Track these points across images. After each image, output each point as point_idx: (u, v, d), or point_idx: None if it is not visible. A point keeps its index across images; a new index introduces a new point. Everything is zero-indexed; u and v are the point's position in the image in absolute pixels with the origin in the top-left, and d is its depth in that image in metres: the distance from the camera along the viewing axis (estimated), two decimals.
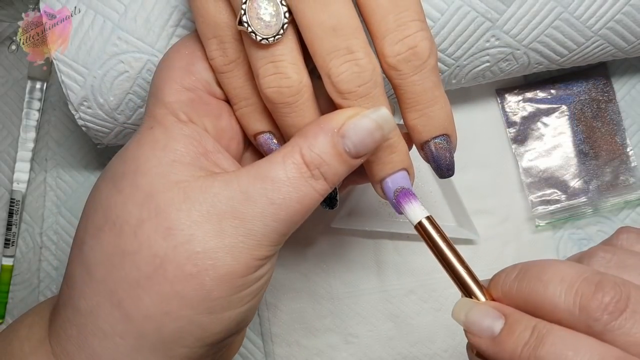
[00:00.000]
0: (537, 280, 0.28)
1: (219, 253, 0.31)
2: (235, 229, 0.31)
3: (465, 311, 0.29)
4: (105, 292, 0.31)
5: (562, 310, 0.27)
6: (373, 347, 0.51)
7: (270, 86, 0.31)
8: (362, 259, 0.52)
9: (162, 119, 0.33)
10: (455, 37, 0.41)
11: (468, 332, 0.29)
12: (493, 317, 0.28)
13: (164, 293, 0.31)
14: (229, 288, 0.31)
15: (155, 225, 0.31)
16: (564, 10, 0.41)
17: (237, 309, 0.32)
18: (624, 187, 0.50)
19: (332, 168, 0.31)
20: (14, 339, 0.34)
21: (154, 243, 0.31)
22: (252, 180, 0.31)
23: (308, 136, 0.31)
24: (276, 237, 0.32)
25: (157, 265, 0.30)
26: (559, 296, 0.27)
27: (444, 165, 0.34)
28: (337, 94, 0.31)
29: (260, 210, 0.31)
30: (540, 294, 0.27)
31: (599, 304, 0.26)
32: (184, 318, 0.31)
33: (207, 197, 0.31)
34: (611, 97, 0.51)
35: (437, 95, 0.32)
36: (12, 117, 0.56)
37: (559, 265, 0.28)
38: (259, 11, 0.31)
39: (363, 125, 0.31)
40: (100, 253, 0.32)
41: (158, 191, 0.31)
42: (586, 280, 0.27)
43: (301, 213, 0.32)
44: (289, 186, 0.31)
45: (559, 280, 0.27)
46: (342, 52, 0.30)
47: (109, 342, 0.31)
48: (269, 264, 0.33)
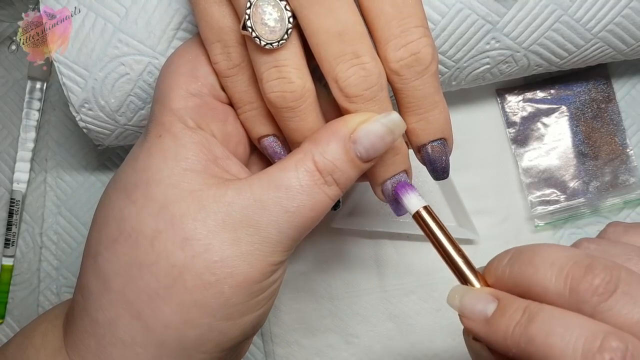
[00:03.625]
0: (528, 264, 0.28)
1: (236, 261, 0.31)
2: (251, 237, 0.31)
3: (460, 296, 0.30)
4: (124, 304, 0.31)
5: (552, 292, 0.27)
6: (373, 347, 0.51)
7: (273, 91, 0.31)
8: (362, 259, 0.52)
9: (171, 127, 0.33)
10: (455, 39, 0.41)
11: (462, 317, 0.30)
12: (486, 301, 0.29)
13: (183, 302, 0.31)
14: (247, 294, 0.32)
15: (172, 236, 0.31)
16: (564, 13, 0.41)
17: (253, 313, 0.33)
18: (624, 187, 0.50)
19: (345, 174, 0.32)
20: (29, 347, 0.34)
21: (171, 254, 0.31)
22: (266, 189, 0.31)
23: (320, 142, 0.32)
24: (289, 243, 0.32)
25: (176, 275, 0.31)
26: (549, 279, 0.27)
27: (439, 167, 0.35)
28: (344, 98, 0.31)
29: (274, 219, 0.31)
30: (531, 277, 0.28)
31: (588, 286, 0.26)
32: (204, 325, 0.31)
33: (222, 206, 0.31)
34: (611, 98, 0.51)
35: (437, 100, 0.33)
36: (12, 117, 0.56)
37: (550, 249, 0.28)
38: (263, 16, 0.31)
39: (375, 131, 0.31)
40: (116, 265, 0.32)
41: (172, 201, 0.31)
42: (577, 263, 0.27)
43: (314, 219, 0.32)
44: (303, 194, 0.31)
45: (550, 264, 0.27)
46: (349, 57, 0.30)
47: (129, 352, 0.32)
48: (282, 268, 0.34)
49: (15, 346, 0.35)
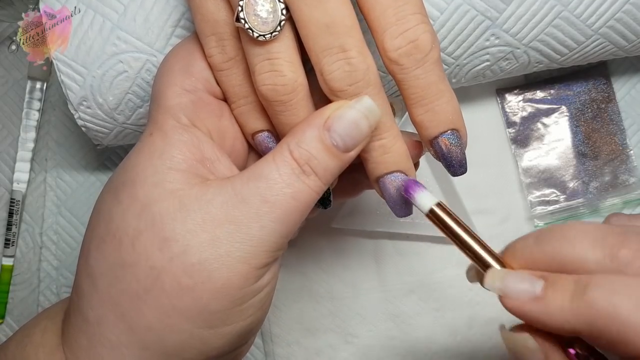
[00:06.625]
0: (561, 239, 0.28)
1: (214, 264, 0.30)
2: (231, 235, 0.30)
3: (501, 278, 0.29)
4: (110, 304, 0.31)
5: (592, 262, 0.27)
6: (373, 347, 0.51)
7: (265, 83, 0.31)
8: (362, 259, 0.52)
9: (162, 125, 0.33)
10: (455, 35, 0.41)
11: (506, 298, 0.29)
12: (531, 280, 0.28)
13: (162, 306, 0.30)
14: (228, 301, 0.30)
15: (151, 236, 0.30)
16: (564, 8, 0.41)
17: (239, 322, 0.32)
18: (624, 187, 0.50)
19: (322, 162, 0.31)
20: (28, 344, 0.34)
21: (150, 255, 0.30)
22: (245, 182, 0.31)
23: (296, 133, 0.31)
24: (274, 241, 0.31)
25: (155, 277, 0.30)
26: (587, 249, 0.27)
27: (455, 162, 0.33)
28: (329, 91, 0.31)
29: (255, 211, 0.30)
30: (567, 251, 0.28)
31: (628, 250, 0.26)
32: (184, 332, 0.30)
33: (202, 204, 0.30)
34: (611, 97, 0.51)
35: (442, 89, 0.32)
36: (12, 117, 0.56)
37: (579, 224, 0.28)
38: (256, 8, 0.30)
39: (347, 117, 0.31)
40: (103, 265, 0.31)
41: (154, 201, 0.31)
42: (610, 232, 0.27)
43: (297, 211, 0.31)
44: (281, 182, 0.30)
45: (584, 236, 0.27)
46: (335, 51, 0.30)
47: (116, 353, 0.31)
48: (270, 273, 0.32)
49: (15, 344, 0.35)
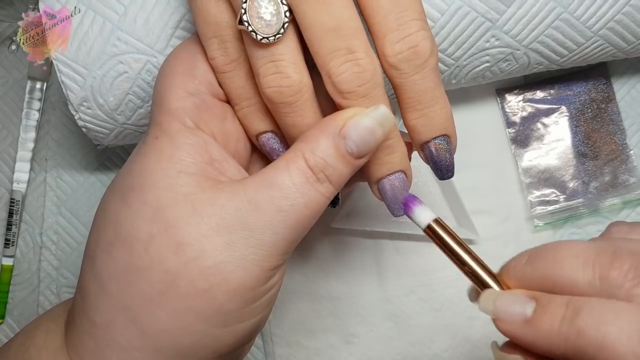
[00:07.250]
0: (551, 260, 0.28)
1: (229, 267, 0.30)
2: (245, 240, 0.30)
3: (493, 300, 0.29)
4: (120, 308, 0.31)
5: (582, 284, 0.27)
6: (373, 347, 0.51)
7: (270, 86, 0.31)
8: (362, 259, 0.52)
9: (167, 128, 0.33)
10: (455, 37, 0.41)
11: (498, 320, 0.29)
12: (522, 301, 0.28)
13: (177, 308, 0.31)
14: (241, 301, 0.31)
15: (165, 241, 0.30)
16: (564, 10, 0.41)
17: (249, 320, 0.32)
18: (624, 187, 0.50)
19: (337, 170, 0.31)
20: (31, 346, 0.34)
21: (164, 259, 0.30)
22: (259, 189, 0.31)
23: (310, 140, 0.31)
24: (285, 245, 0.32)
25: (170, 281, 0.30)
26: (577, 271, 0.27)
27: (443, 166, 0.34)
28: (337, 94, 0.31)
29: (269, 219, 0.31)
30: (557, 272, 0.27)
31: (619, 272, 0.26)
32: (198, 332, 0.31)
33: (216, 209, 0.31)
34: (611, 98, 0.51)
35: (437, 96, 0.32)
36: (12, 117, 0.56)
37: (570, 244, 0.28)
38: (260, 10, 0.31)
39: (364, 125, 0.31)
40: (112, 268, 0.31)
41: (166, 205, 0.31)
42: (601, 252, 0.27)
43: (309, 218, 0.32)
44: (296, 192, 0.31)
45: (574, 257, 0.27)
46: (343, 52, 0.30)
47: (126, 355, 0.31)
48: (279, 274, 0.33)
49: (17, 346, 0.35)
